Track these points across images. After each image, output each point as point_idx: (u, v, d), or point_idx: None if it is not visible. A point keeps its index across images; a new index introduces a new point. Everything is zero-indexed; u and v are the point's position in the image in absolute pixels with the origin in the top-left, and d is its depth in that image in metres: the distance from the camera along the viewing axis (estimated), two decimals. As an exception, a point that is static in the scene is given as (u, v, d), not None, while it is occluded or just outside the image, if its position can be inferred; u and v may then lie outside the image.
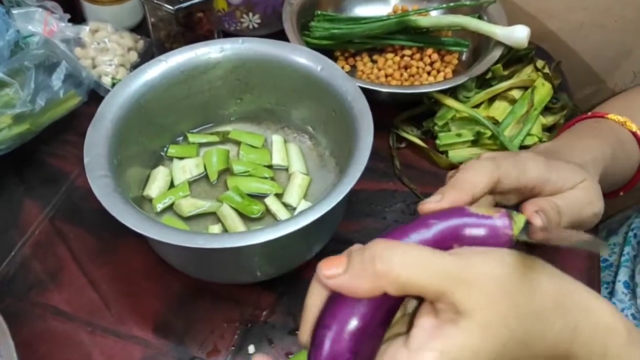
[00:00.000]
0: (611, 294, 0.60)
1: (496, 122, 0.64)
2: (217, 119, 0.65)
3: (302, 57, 0.59)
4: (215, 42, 0.60)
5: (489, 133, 0.63)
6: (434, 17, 0.72)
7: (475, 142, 0.64)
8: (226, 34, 0.76)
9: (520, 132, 0.63)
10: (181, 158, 0.62)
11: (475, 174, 0.37)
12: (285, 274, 0.55)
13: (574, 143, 0.51)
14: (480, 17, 0.71)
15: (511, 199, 0.43)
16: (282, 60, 0.60)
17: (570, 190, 0.42)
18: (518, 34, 0.65)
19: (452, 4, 0.74)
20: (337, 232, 0.56)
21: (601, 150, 0.48)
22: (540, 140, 0.64)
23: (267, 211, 0.58)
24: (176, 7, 0.66)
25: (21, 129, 0.60)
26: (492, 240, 0.30)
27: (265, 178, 0.61)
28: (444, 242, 0.30)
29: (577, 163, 0.45)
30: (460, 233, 0.30)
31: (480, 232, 0.30)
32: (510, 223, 0.30)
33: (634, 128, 0.52)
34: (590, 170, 0.45)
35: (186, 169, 0.61)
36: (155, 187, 0.59)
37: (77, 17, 0.74)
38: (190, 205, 0.58)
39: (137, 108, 0.57)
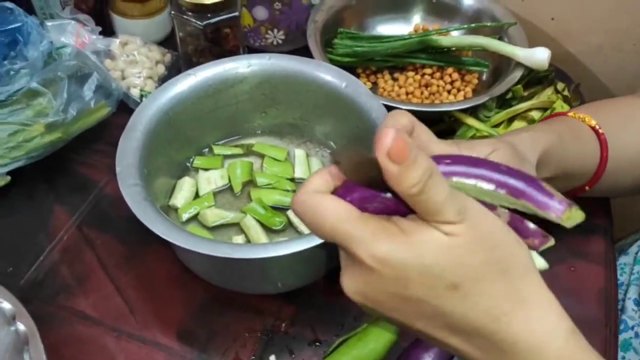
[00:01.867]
0: (621, 311, 0.60)
1: (516, 142, 0.65)
2: (242, 131, 0.67)
3: (327, 74, 0.61)
4: (243, 58, 0.62)
5: (508, 152, 0.64)
6: (455, 37, 0.74)
7: (494, 161, 0.65)
8: (251, 49, 0.78)
9: (539, 152, 0.64)
10: (206, 169, 0.63)
11: (397, 114, 0.37)
12: (304, 286, 0.56)
13: (519, 130, 0.52)
14: (500, 39, 0.73)
15: None
16: (308, 76, 0.62)
17: None
18: (539, 56, 0.67)
19: (473, 25, 0.76)
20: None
21: (544, 133, 0.49)
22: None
23: (289, 223, 0.59)
24: (205, 22, 0.68)
25: (53, 138, 0.62)
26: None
27: (288, 191, 0.62)
28: (504, 188, 0.32)
29: (506, 139, 0.45)
30: (520, 194, 0.32)
31: (536, 204, 0.32)
32: (564, 211, 0.32)
33: (593, 123, 0.53)
34: (524, 145, 0.46)
35: (211, 180, 0.62)
36: (181, 197, 0.60)
37: (107, 30, 0.76)
38: (215, 215, 0.59)
39: (167, 120, 0.58)
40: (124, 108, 0.69)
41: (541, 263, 0.33)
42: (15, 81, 0.62)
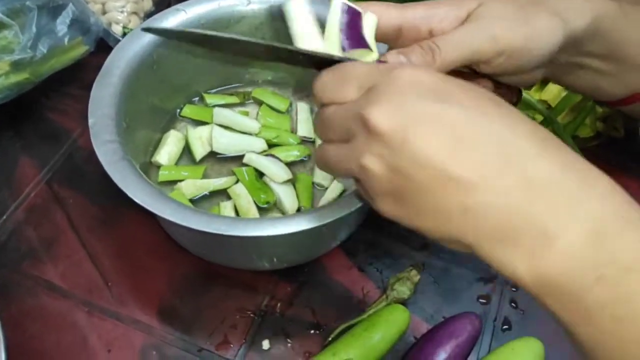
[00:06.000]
0: None
1: (549, 107, 0.58)
2: (239, 81, 0.59)
3: (341, 18, 0.52)
4: (242, -6, 0.53)
5: (540, 118, 0.57)
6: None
7: (522, 127, 0.58)
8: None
9: (574, 120, 0.57)
10: (195, 122, 0.56)
11: None
12: (306, 263, 0.50)
13: None
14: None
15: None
16: (321, 19, 0.53)
17: (457, 28, 0.38)
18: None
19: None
20: (367, 219, 0.50)
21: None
22: (594, 131, 0.58)
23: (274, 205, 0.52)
24: (200, -51, 0.58)
25: (19, 78, 0.54)
26: None
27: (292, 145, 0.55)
28: None
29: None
30: None
31: None
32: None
33: None
34: (567, 14, 0.38)
35: (204, 139, 0.54)
36: (165, 152, 0.53)
37: (87, -46, 0.66)
38: (196, 188, 0.51)
39: (149, 64, 0.50)
40: (104, 47, 0.60)
41: None
42: (-26, 9, 0.53)
